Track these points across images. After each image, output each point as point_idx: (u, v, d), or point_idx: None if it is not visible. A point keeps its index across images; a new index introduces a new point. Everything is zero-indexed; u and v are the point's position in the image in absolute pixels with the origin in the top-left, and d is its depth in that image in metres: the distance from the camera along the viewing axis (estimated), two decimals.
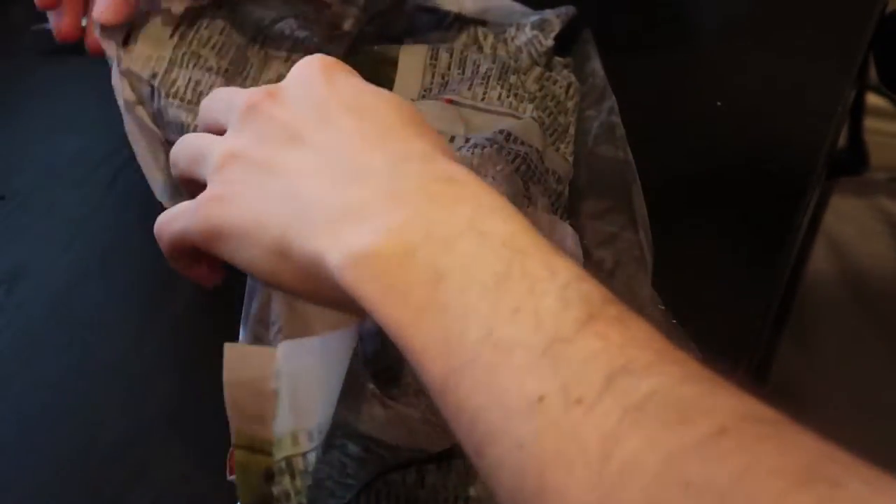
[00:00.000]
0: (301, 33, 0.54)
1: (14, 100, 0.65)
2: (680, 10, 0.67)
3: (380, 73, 0.54)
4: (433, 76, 0.54)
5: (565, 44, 0.58)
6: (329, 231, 0.31)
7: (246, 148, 0.35)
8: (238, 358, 0.35)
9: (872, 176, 0.71)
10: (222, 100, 0.39)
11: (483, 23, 0.58)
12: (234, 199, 0.34)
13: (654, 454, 0.24)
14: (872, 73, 0.87)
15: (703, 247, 0.53)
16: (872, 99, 1.07)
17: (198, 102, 0.48)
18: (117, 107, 0.49)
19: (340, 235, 0.30)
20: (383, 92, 0.36)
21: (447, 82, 0.54)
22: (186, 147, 0.39)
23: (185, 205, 0.37)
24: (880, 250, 0.59)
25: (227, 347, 0.35)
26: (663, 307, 0.45)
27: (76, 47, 0.51)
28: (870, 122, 1.07)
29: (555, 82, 0.54)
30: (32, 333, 0.50)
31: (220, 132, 0.37)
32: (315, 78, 0.35)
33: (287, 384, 0.35)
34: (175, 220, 0.37)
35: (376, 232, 0.30)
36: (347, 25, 0.54)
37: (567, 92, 0.54)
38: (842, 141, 0.88)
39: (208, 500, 0.42)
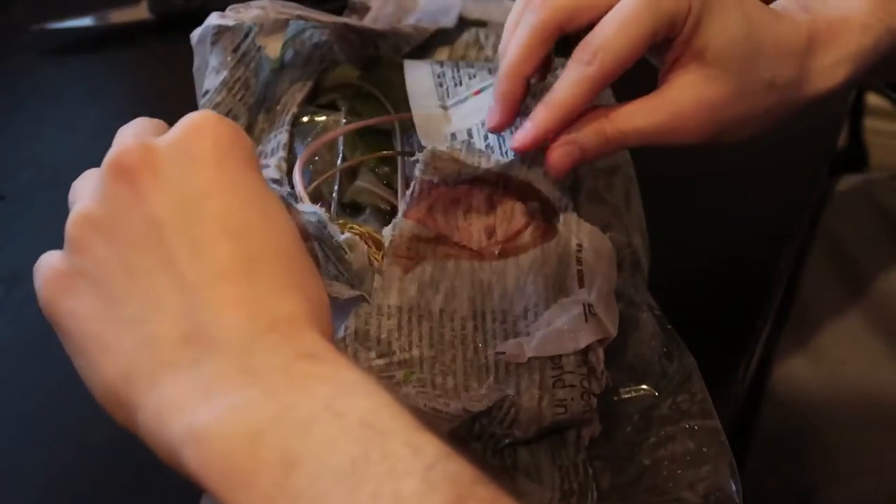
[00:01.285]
0: None
1: (14, 100, 0.65)
2: None
3: (392, 82, 0.53)
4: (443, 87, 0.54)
5: (565, 46, 0.58)
6: (173, 400, 0.28)
7: (104, 214, 0.31)
8: None
9: (872, 175, 0.71)
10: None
11: (483, 24, 0.58)
12: (84, 295, 0.30)
13: None
14: None
15: (703, 247, 0.53)
16: (872, 99, 1.07)
17: None
18: (116, 107, 0.49)
19: (185, 408, 0.27)
20: (270, 210, 0.31)
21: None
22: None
23: (49, 259, 0.32)
24: (880, 250, 0.59)
25: None
26: (658, 313, 0.45)
27: (76, 47, 0.51)
28: (870, 122, 1.07)
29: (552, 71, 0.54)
30: (32, 334, 0.50)
31: None
32: (204, 157, 0.31)
33: None
34: (37, 269, 0.32)
35: (222, 410, 0.27)
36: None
37: None
38: (842, 141, 0.88)
39: None
